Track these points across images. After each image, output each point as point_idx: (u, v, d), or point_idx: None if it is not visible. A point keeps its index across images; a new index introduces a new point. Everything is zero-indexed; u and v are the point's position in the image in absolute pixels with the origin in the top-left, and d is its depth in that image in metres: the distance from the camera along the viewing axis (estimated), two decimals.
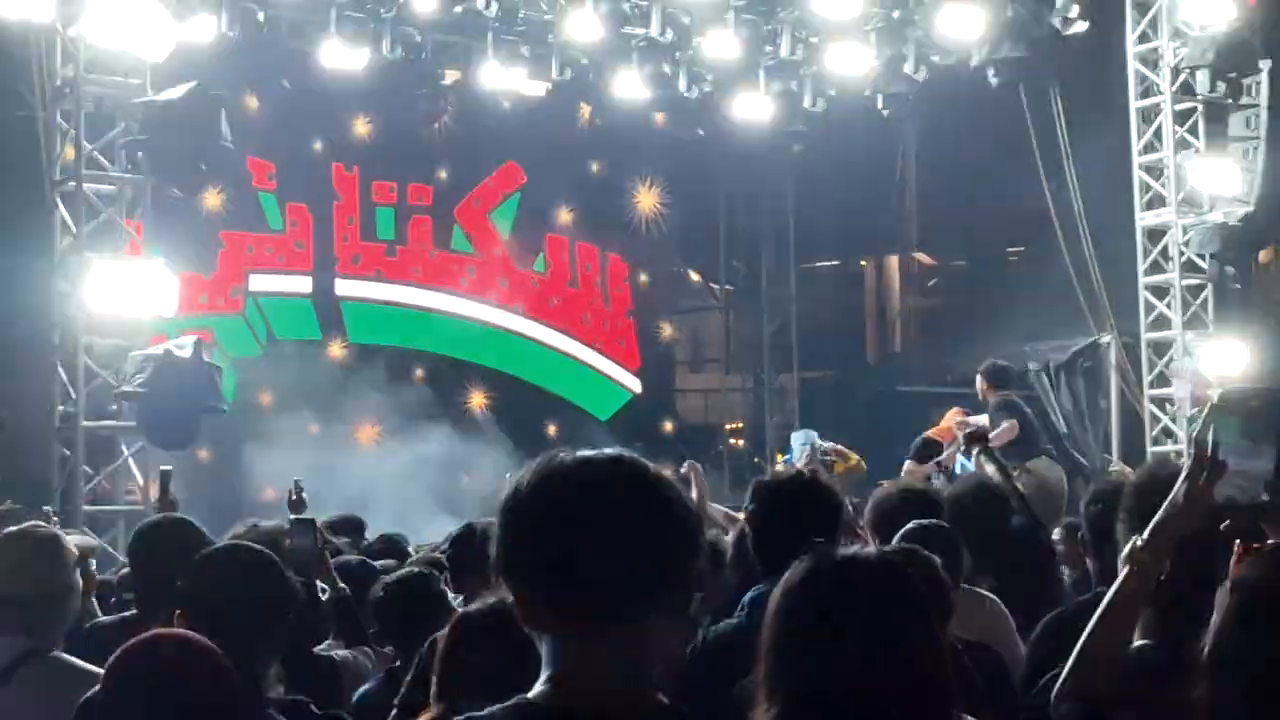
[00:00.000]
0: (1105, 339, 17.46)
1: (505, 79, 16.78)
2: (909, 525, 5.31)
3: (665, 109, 18.38)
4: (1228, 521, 3.12)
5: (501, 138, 18.84)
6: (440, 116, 17.84)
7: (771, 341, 22.07)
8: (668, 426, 20.81)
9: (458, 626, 3.83)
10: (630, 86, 17.05)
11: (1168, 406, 16.22)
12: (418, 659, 4.29)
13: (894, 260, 26.63)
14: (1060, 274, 17.89)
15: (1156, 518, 3.16)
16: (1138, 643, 3.35)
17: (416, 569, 6.09)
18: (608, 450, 2.39)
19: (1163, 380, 16.23)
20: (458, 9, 15.51)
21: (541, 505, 2.32)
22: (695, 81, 17.58)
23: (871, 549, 3.00)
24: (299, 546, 5.72)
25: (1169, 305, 16.25)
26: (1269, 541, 3.10)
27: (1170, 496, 3.15)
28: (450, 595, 5.77)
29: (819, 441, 14.42)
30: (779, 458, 16.63)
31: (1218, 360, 15.63)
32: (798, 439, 15.05)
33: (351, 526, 9.14)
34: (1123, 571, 3.21)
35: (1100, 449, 17.15)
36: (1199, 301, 16.25)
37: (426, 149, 18.28)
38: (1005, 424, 12.00)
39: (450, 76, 17.57)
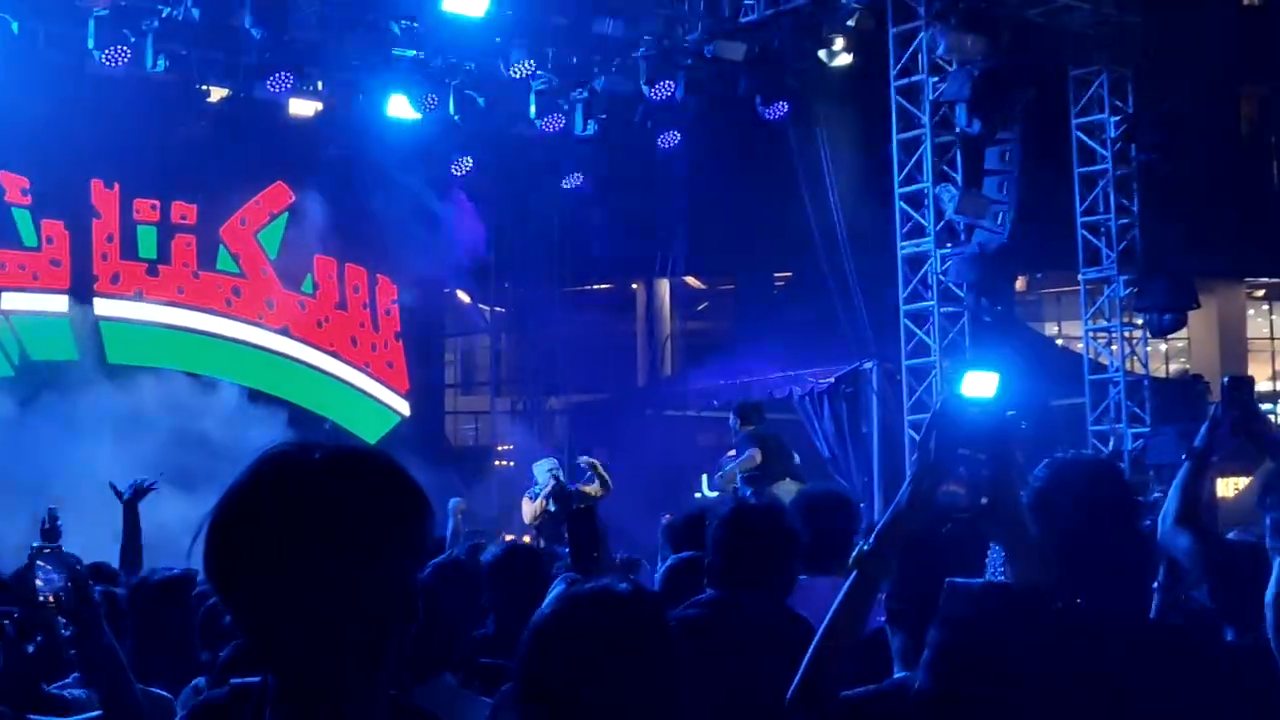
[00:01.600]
0: (867, 365, 17.84)
1: (274, 97, 16.51)
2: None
3: (436, 130, 18.31)
4: (950, 525, 3.19)
5: (269, 157, 18.51)
6: (205, 134, 17.43)
7: (541, 364, 22.10)
8: (437, 449, 20.66)
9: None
10: (400, 108, 16.94)
11: None
12: None
13: (664, 284, 26.86)
14: (825, 300, 18.26)
15: (881, 521, 3.20)
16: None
17: None
18: (330, 444, 2.22)
19: (921, 406, 16.64)
20: (225, 25, 15.23)
21: (250, 500, 2.16)
22: (466, 104, 17.53)
23: (623, 584, 2.94)
24: (48, 579, 5.46)
25: (928, 332, 16.68)
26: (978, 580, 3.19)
27: (895, 500, 3.19)
28: None
29: (582, 461, 14.85)
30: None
31: (972, 386, 16.07)
32: (540, 468, 15.05)
33: (102, 575, 8.79)
34: (849, 577, 3.21)
35: (861, 472, 17.52)
36: (956, 329, 16.71)
37: (191, 167, 17.85)
38: (749, 452, 13.59)
39: (216, 94, 17.20)
